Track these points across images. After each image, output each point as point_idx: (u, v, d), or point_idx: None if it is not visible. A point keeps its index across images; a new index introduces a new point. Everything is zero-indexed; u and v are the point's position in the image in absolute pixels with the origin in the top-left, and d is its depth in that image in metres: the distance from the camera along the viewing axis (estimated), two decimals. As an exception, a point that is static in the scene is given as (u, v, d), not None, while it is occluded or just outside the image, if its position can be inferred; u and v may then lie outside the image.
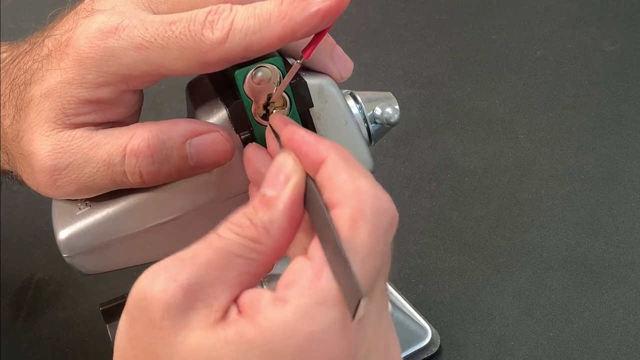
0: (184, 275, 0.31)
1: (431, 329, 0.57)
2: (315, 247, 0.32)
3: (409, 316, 0.57)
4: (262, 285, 0.46)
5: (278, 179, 0.34)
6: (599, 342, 0.55)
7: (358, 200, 0.32)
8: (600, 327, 0.56)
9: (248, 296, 0.32)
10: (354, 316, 0.29)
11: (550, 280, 0.59)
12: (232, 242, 0.32)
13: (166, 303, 0.31)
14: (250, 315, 0.31)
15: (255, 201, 0.33)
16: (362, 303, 0.28)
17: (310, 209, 0.33)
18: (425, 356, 0.56)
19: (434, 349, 0.56)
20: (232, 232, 0.32)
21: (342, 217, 0.31)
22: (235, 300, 0.32)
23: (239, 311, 0.32)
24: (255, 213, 0.33)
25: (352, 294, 0.29)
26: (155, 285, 0.31)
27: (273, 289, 0.32)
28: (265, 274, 0.33)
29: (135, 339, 0.32)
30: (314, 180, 0.34)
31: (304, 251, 0.33)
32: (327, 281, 0.30)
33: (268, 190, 0.33)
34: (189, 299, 0.31)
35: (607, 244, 0.61)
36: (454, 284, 0.60)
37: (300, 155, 0.34)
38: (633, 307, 0.57)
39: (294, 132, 0.35)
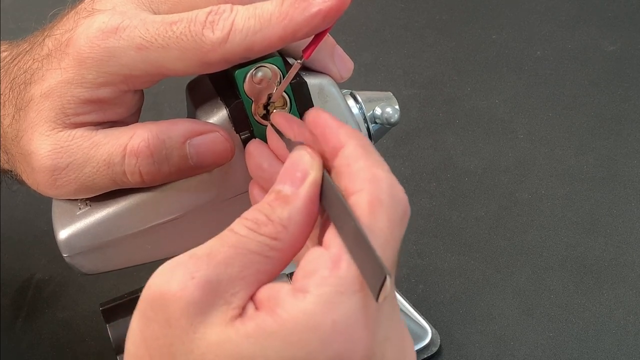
0: (201, 272, 0.31)
1: (431, 329, 0.57)
2: (332, 236, 0.32)
3: (409, 316, 0.57)
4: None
5: (295, 175, 0.33)
6: (599, 342, 0.55)
7: (375, 187, 0.32)
8: (600, 327, 0.56)
9: (265, 291, 0.32)
10: (378, 296, 0.29)
11: (550, 280, 0.59)
12: (249, 239, 0.32)
13: (185, 301, 0.30)
14: (269, 307, 0.30)
15: (270, 197, 0.33)
16: (388, 281, 0.28)
17: (326, 200, 0.33)
18: (425, 356, 0.56)
19: (434, 349, 0.56)
20: (248, 228, 0.32)
21: (360, 204, 0.31)
22: (251, 297, 0.32)
23: (256, 307, 0.31)
24: (272, 210, 0.33)
25: (375, 275, 0.29)
26: (172, 283, 0.31)
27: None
28: (281, 271, 0.33)
29: (149, 339, 0.31)
30: (329, 172, 0.34)
31: (313, 244, 0.33)
32: (346, 268, 0.30)
33: (284, 186, 0.33)
34: (208, 296, 0.31)
35: (607, 244, 0.61)
36: (454, 284, 0.60)
37: (321, 139, 0.34)
38: (633, 307, 0.57)
39: (319, 115, 0.35)
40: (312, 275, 0.30)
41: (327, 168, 0.34)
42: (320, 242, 0.33)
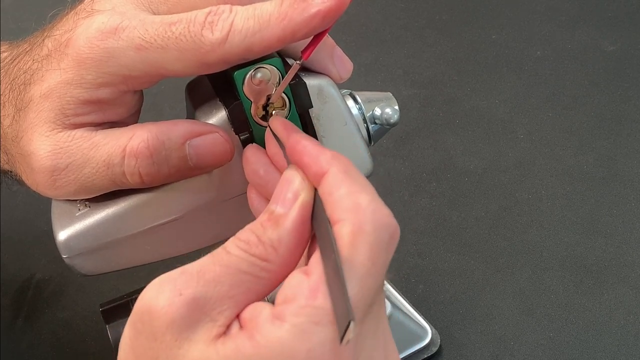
0: (190, 290, 0.31)
1: (431, 329, 0.57)
2: (315, 262, 0.32)
3: (409, 316, 0.57)
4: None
5: (286, 196, 0.33)
6: (599, 342, 0.55)
7: (357, 216, 0.31)
8: (600, 327, 0.56)
9: (249, 310, 0.32)
10: (342, 339, 0.29)
11: (550, 280, 0.59)
12: (240, 259, 0.32)
13: (171, 317, 0.31)
14: (249, 330, 0.31)
15: (264, 217, 0.33)
16: (351, 327, 0.28)
17: (316, 223, 0.33)
18: (425, 356, 0.56)
19: (434, 349, 0.56)
20: (240, 249, 0.32)
21: (342, 235, 0.31)
22: (238, 315, 0.32)
23: (241, 326, 0.32)
24: (263, 231, 0.33)
25: (343, 316, 0.29)
26: (160, 298, 0.31)
27: (273, 300, 0.32)
28: (271, 291, 0.33)
29: (138, 349, 0.32)
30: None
31: (305, 260, 0.33)
32: (322, 299, 0.30)
33: (276, 207, 0.33)
34: (194, 314, 0.31)
35: (607, 244, 0.61)
36: (454, 284, 0.60)
37: (302, 167, 0.34)
38: (633, 307, 0.57)
39: (297, 141, 0.35)
40: (290, 302, 0.31)
41: None
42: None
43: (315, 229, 0.33)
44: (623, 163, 0.67)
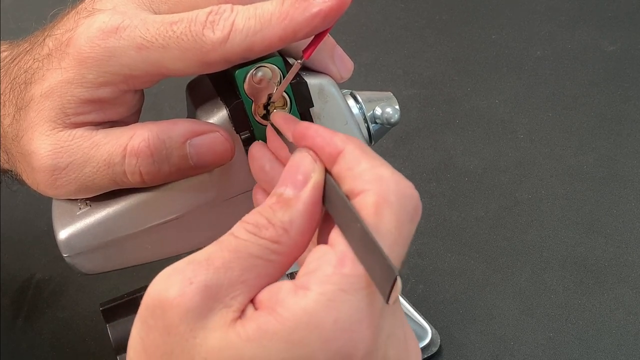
0: (200, 277, 0.31)
1: (431, 329, 0.57)
2: (337, 235, 0.31)
3: (409, 316, 0.57)
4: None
5: (296, 177, 0.33)
6: (599, 342, 0.55)
7: (381, 186, 0.31)
8: (600, 327, 0.56)
9: (265, 292, 0.31)
10: (389, 297, 0.28)
11: (550, 280, 0.59)
12: (250, 243, 0.32)
13: (184, 307, 0.30)
14: (269, 307, 0.30)
15: (272, 200, 0.33)
16: (399, 282, 0.28)
17: (329, 203, 0.33)
18: (425, 356, 0.56)
19: (434, 349, 0.56)
20: (249, 232, 0.32)
21: (366, 204, 0.31)
22: (251, 300, 0.32)
23: (255, 308, 0.31)
24: (273, 213, 0.32)
25: (385, 276, 0.28)
26: (170, 290, 0.30)
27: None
28: (282, 274, 0.33)
29: (150, 347, 0.31)
30: (331, 174, 0.33)
31: (312, 244, 0.33)
32: (351, 266, 0.30)
33: (286, 189, 0.33)
34: (207, 301, 0.30)
35: (607, 244, 0.61)
36: (454, 284, 0.60)
37: (316, 149, 0.34)
38: (633, 307, 0.57)
39: (308, 126, 0.35)
40: (314, 272, 0.30)
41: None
42: (318, 243, 0.33)
43: (329, 209, 0.33)
44: (623, 163, 0.67)
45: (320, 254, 0.31)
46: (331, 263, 0.30)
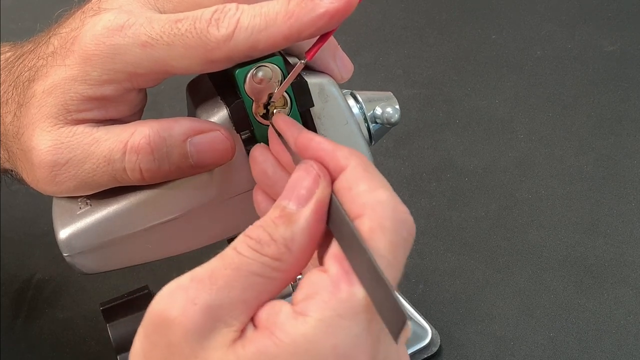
0: (203, 297, 0.31)
1: (431, 329, 0.57)
2: (331, 259, 0.31)
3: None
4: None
5: (299, 192, 0.33)
6: (599, 342, 0.55)
7: (377, 212, 0.31)
8: (600, 327, 0.56)
9: (265, 310, 0.31)
10: (397, 338, 0.28)
11: (550, 280, 0.59)
12: (251, 260, 0.31)
13: (185, 327, 0.30)
14: (269, 330, 0.30)
15: (275, 214, 0.33)
16: (409, 325, 0.28)
17: (333, 223, 0.32)
18: (425, 356, 0.56)
19: (434, 349, 0.56)
20: (251, 249, 0.32)
21: (362, 230, 0.31)
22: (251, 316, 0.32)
23: (255, 326, 0.31)
24: (275, 228, 0.32)
25: (394, 317, 0.28)
26: (174, 308, 0.31)
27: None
28: (282, 290, 0.33)
29: None
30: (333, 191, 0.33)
31: (315, 262, 0.33)
32: (347, 292, 0.30)
33: (289, 203, 0.33)
34: (209, 322, 0.30)
35: (607, 244, 0.61)
36: (454, 284, 0.60)
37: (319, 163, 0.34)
38: (633, 307, 0.57)
39: (311, 138, 0.34)
40: (312, 297, 0.30)
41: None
42: (319, 258, 0.33)
43: (332, 227, 0.33)
44: (623, 163, 0.67)
45: (315, 279, 0.31)
46: (327, 289, 0.30)
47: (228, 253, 0.32)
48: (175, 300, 0.31)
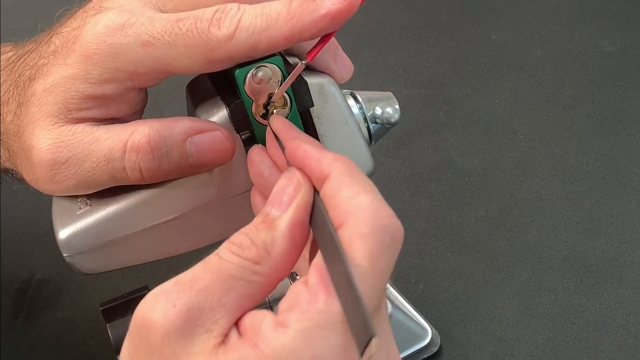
0: (183, 300, 0.31)
1: (431, 329, 0.57)
2: (312, 269, 0.31)
3: (409, 316, 0.57)
4: (269, 306, 0.45)
5: (282, 198, 0.33)
6: (599, 342, 0.55)
7: (358, 219, 0.31)
8: (600, 327, 0.56)
9: (249, 318, 0.32)
10: (362, 354, 0.28)
11: (550, 280, 0.59)
12: (231, 264, 0.32)
13: (166, 330, 0.31)
14: (252, 339, 0.31)
15: (258, 220, 0.33)
16: (374, 342, 0.28)
17: (316, 228, 0.33)
18: (425, 356, 0.56)
19: (434, 349, 0.56)
20: (232, 253, 0.32)
21: (342, 238, 0.31)
22: (236, 322, 0.32)
23: (240, 334, 0.31)
24: (257, 233, 0.32)
25: (361, 332, 0.28)
26: (155, 311, 0.31)
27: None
28: (266, 295, 0.33)
29: None
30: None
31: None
32: (324, 303, 0.30)
33: (272, 209, 0.33)
34: (189, 325, 0.31)
35: (607, 244, 0.61)
36: (454, 284, 0.60)
37: (305, 170, 0.34)
38: (633, 307, 0.57)
39: (297, 146, 0.34)
40: (292, 308, 0.30)
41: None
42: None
43: (315, 233, 0.33)
44: (623, 163, 0.67)
45: (297, 289, 0.31)
46: (305, 299, 0.30)
47: (211, 258, 0.32)
48: (157, 304, 0.31)
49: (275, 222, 0.33)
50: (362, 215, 0.31)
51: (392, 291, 0.59)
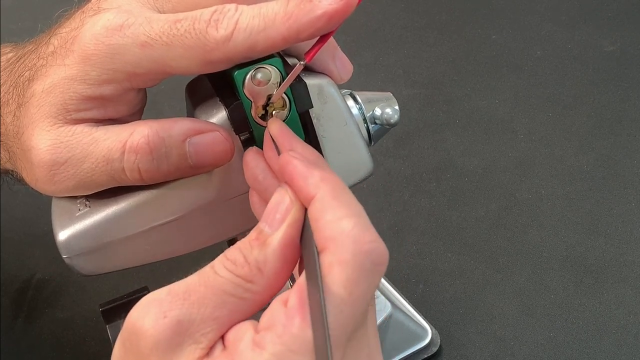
0: (174, 311, 0.31)
1: (431, 329, 0.57)
2: (293, 291, 0.31)
3: (409, 316, 0.57)
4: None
5: (275, 215, 0.33)
6: (599, 342, 0.55)
7: (339, 244, 0.31)
8: (600, 327, 0.56)
9: (233, 332, 0.32)
10: None
11: (550, 280, 0.59)
12: (225, 280, 0.32)
13: (155, 339, 0.31)
14: (231, 355, 0.31)
15: (252, 236, 0.33)
16: None
17: (304, 248, 0.33)
18: (425, 356, 0.56)
19: (434, 349, 0.56)
20: (226, 269, 0.32)
21: (323, 264, 0.31)
22: (222, 335, 0.32)
23: (224, 346, 0.32)
24: (250, 250, 0.33)
25: (322, 354, 0.29)
26: (146, 319, 0.31)
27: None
28: (258, 310, 0.33)
29: None
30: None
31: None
32: (298, 327, 0.30)
33: (265, 226, 0.33)
34: (178, 336, 0.31)
35: (607, 244, 0.61)
36: (454, 284, 0.60)
37: (293, 188, 0.34)
38: (633, 307, 0.57)
39: (288, 161, 0.34)
40: (270, 329, 0.31)
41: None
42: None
43: (303, 253, 0.33)
44: (623, 163, 0.67)
45: (276, 309, 0.31)
46: (281, 322, 0.30)
47: (205, 271, 0.33)
48: (148, 312, 0.31)
49: (268, 239, 0.33)
50: (344, 240, 0.31)
51: (392, 291, 0.59)
